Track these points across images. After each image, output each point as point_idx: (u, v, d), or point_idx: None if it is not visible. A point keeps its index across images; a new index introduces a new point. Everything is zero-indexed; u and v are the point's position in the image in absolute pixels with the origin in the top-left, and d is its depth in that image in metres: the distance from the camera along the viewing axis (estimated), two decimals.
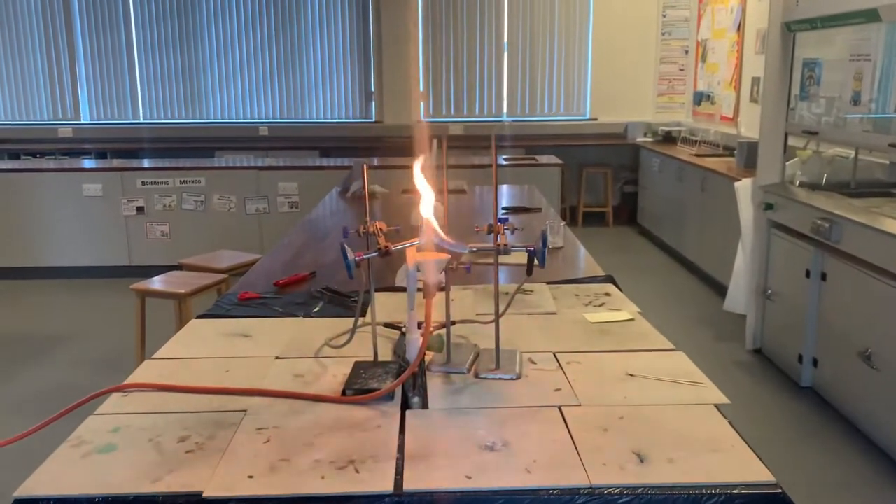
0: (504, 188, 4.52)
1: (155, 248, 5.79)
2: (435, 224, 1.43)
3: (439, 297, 1.58)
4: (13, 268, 5.79)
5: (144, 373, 1.61)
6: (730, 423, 1.35)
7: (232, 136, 7.89)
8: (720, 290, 5.00)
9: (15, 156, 7.17)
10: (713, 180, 5.42)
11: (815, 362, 3.56)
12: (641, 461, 1.21)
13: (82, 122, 7.95)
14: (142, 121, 7.98)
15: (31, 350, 4.28)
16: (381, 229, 1.48)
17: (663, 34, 7.88)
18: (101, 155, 7.25)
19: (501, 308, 1.60)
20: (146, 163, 6.19)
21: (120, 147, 7.48)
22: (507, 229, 1.48)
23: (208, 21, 7.84)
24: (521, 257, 1.49)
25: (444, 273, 1.55)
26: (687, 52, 7.81)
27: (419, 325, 1.61)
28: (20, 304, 5.25)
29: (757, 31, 5.96)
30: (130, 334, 4.25)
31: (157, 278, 3.47)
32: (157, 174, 5.75)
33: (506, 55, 7.98)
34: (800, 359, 3.64)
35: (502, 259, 1.57)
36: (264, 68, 7.95)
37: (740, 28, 6.36)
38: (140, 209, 5.75)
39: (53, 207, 5.73)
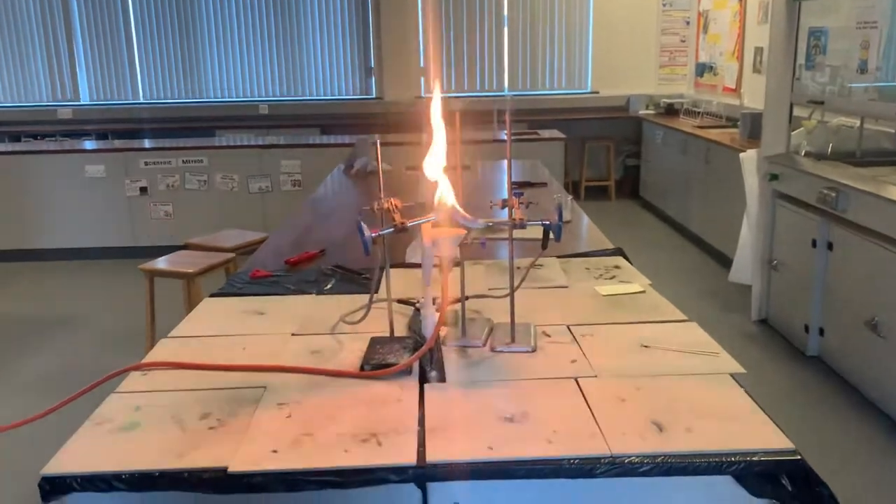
0: (520, 163, 4.50)
1: (159, 228, 5.79)
2: (452, 199, 1.43)
3: (454, 273, 1.59)
4: (18, 250, 5.79)
5: (161, 351, 1.62)
6: (746, 391, 1.36)
7: (232, 115, 7.85)
8: (725, 261, 5.01)
9: (16, 138, 7.14)
10: (717, 152, 5.40)
11: (821, 331, 3.58)
12: (660, 430, 1.22)
13: (81, 103, 7.91)
14: (141, 101, 7.94)
15: (39, 331, 4.30)
16: (396, 206, 1.48)
17: (664, 5, 7.81)
18: (102, 136, 7.22)
19: (516, 282, 1.60)
20: (148, 143, 6.17)
21: (120, 128, 7.44)
22: (521, 203, 1.48)
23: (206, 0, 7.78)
24: (532, 232, 1.49)
25: (458, 248, 1.56)
26: (688, 22, 7.74)
27: (434, 301, 1.62)
28: (26, 286, 5.27)
29: (759, 1, 5.91)
30: (138, 314, 4.26)
31: (164, 258, 3.48)
32: (159, 154, 5.74)
33: (506, 29, 7.92)
34: (806, 328, 3.66)
35: (514, 234, 1.57)
36: (263, 46, 7.89)
37: None
38: (143, 189, 5.74)
39: (56, 189, 5.73)
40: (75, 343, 4.11)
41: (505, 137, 6.24)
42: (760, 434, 1.21)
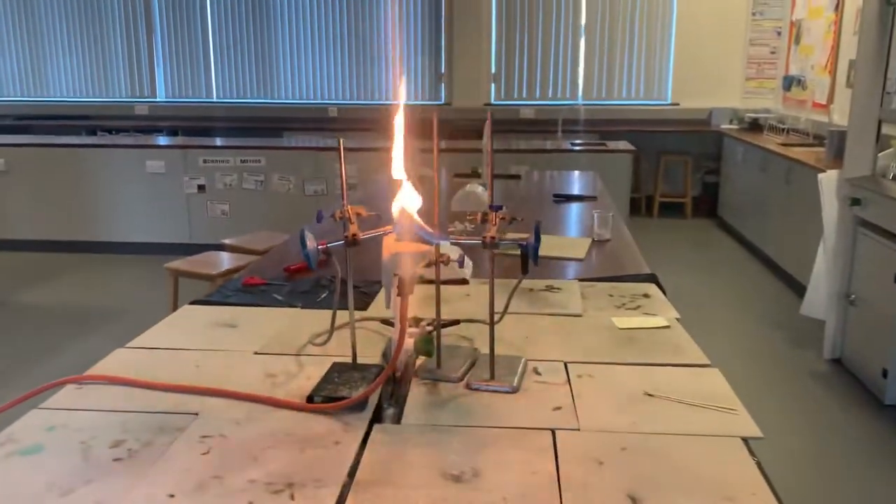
0: (575, 174, 4.28)
1: (215, 227, 5.79)
2: (412, 210, 1.23)
3: (426, 294, 1.39)
4: (77, 241, 5.90)
5: (110, 363, 1.48)
6: (757, 463, 1.10)
7: (302, 117, 7.86)
8: (801, 291, 4.59)
9: (92, 132, 7.33)
10: (799, 172, 4.98)
11: None
12: None
13: (158, 99, 8.08)
14: (215, 100, 8.05)
15: (84, 324, 4.31)
16: (356, 214, 1.29)
17: (754, 14, 7.36)
18: (173, 133, 7.33)
19: (500, 309, 1.39)
20: (207, 141, 6.20)
21: (192, 125, 7.55)
22: (501, 219, 1.26)
23: (281, 2, 7.81)
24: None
25: (433, 267, 1.36)
26: (779, 33, 7.27)
27: (419, 324, 1.42)
28: (81, 277, 5.34)
29: (857, 10, 5.44)
30: None
31: (192, 258, 3.40)
32: (218, 153, 5.74)
33: (583, 36, 7.63)
34: (884, 373, 3.26)
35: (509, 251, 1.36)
36: (336, 49, 7.87)
37: (839, 7, 5.83)
38: (201, 187, 5.76)
39: (118, 183, 5.81)
40: (114, 338, 4.09)
41: (573, 147, 6.01)
42: None
